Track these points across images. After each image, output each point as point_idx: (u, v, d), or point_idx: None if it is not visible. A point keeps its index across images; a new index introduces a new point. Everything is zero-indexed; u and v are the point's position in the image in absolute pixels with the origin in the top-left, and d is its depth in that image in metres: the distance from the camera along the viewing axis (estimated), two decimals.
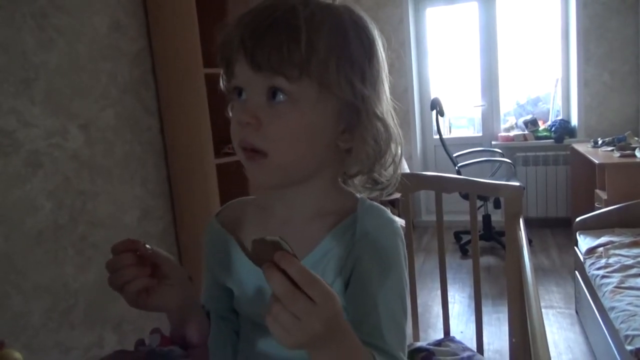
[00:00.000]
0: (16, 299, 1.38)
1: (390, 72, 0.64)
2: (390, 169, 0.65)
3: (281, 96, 0.55)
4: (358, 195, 0.66)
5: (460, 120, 4.46)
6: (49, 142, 1.49)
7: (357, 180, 0.67)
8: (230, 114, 0.62)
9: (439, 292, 1.25)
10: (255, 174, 0.59)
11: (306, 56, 0.54)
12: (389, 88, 0.64)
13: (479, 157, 3.43)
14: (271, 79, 0.55)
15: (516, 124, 4.09)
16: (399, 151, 0.65)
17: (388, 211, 0.65)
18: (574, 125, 3.79)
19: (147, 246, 0.58)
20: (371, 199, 0.67)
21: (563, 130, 3.75)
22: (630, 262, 1.92)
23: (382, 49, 0.62)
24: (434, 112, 3.41)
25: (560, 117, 3.91)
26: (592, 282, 1.95)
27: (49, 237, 1.48)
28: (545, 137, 3.83)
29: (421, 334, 1.26)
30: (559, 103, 3.98)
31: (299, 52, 0.53)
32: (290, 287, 0.43)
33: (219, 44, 0.60)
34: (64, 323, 1.52)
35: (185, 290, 0.61)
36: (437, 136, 3.49)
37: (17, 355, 0.56)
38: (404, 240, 0.63)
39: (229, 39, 0.57)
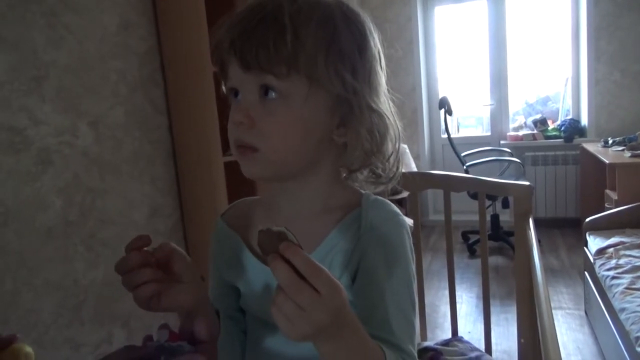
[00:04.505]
0: (27, 295, 1.39)
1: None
2: (391, 161, 0.65)
3: (272, 93, 0.56)
4: (363, 190, 0.66)
5: (469, 119, 4.44)
6: (59, 139, 1.50)
7: (360, 176, 0.67)
8: None
9: (446, 292, 1.24)
10: (247, 167, 0.59)
11: (293, 52, 0.54)
12: (387, 80, 0.64)
13: (488, 157, 3.41)
14: (261, 77, 0.56)
15: (525, 123, 4.05)
16: (399, 143, 0.64)
17: (393, 204, 0.64)
18: (584, 125, 3.75)
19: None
20: (377, 194, 0.67)
21: (573, 129, 3.72)
22: None
23: (376, 41, 0.62)
24: (442, 111, 3.39)
25: (570, 117, 3.87)
26: (602, 283, 1.93)
27: (59, 234, 1.49)
28: (555, 137, 3.80)
29: (429, 334, 1.26)
30: (568, 102, 3.94)
31: (286, 48, 0.53)
32: (294, 278, 0.42)
33: (212, 46, 0.60)
34: (74, 319, 1.53)
35: (198, 290, 0.61)
36: (445, 135, 3.48)
37: (28, 349, 0.57)
38: (409, 233, 0.63)
39: (221, 40, 0.58)
